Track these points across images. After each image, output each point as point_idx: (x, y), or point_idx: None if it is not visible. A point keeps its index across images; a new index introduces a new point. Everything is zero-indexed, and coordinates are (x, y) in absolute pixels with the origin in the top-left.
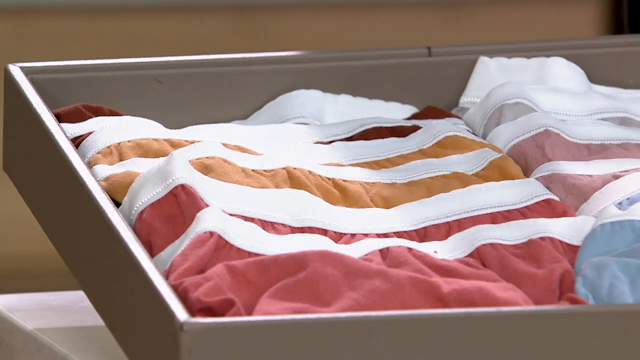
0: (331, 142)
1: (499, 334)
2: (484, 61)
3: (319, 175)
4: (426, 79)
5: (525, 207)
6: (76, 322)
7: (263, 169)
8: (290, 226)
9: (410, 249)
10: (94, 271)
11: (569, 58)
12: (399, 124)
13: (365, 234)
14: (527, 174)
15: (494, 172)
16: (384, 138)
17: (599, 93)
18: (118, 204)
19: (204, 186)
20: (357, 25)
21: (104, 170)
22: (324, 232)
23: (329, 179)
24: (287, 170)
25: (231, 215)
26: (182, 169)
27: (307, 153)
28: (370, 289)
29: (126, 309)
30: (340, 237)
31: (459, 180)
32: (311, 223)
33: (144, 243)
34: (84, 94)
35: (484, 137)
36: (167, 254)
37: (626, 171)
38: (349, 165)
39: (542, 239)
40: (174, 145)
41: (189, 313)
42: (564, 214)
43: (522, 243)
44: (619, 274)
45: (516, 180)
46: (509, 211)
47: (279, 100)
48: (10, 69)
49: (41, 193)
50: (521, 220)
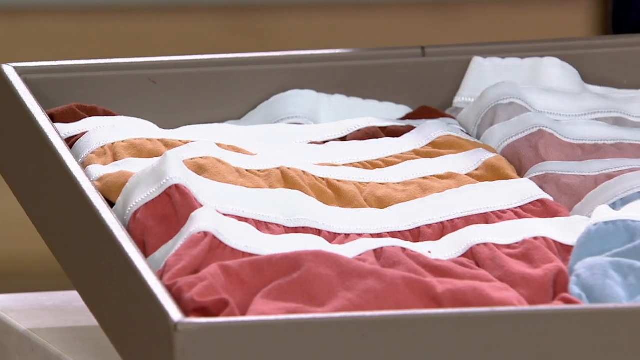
0: (325, 142)
1: (493, 334)
2: (477, 61)
3: (312, 175)
4: (420, 79)
5: (519, 207)
6: (70, 322)
7: (257, 169)
8: (284, 226)
9: (404, 249)
10: (87, 271)
11: (562, 58)
12: (393, 124)
13: (359, 234)
14: (521, 174)
15: (488, 172)
16: (377, 138)
17: (592, 93)
18: (112, 204)
19: (197, 186)
20: (350, 25)
21: (97, 170)
22: (318, 232)
23: (323, 179)
24: (281, 170)
25: (225, 215)
26: (176, 169)
27: (301, 153)
28: (364, 289)
29: (120, 309)
30: (334, 237)
31: (453, 180)
32: (305, 223)
33: (138, 243)
34: (77, 94)
35: (478, 137)
36: (161, 254)
37: (620, 171)
38: (343, 165)
39: (536, 239)
40: (168, 145)
41: (183, 313)
42: (557, 214)
43: (516, 243)
44: (612, 274)
45: (510, 180)
46: (502, 211)
47: (273, 101)
48: (3, 69)
49: (35, 193)
50: (515, 220)
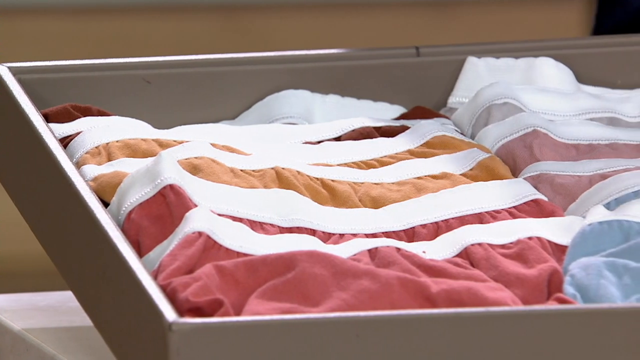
0: (319, 142)
1: (488, 334)
2: (472, 61)
3: (307, 175)
4: (414, 79)
5: (514, 207)
6: (64, 323)
7: (251, 169)
8: (278, 226)
9: (399, 249)
10: (82, 271)
11: (557, 58)
12: (388, 124)
13: (354, 234)
14: (515, 174)
15: (482, 172)
16: (372, 138)
17: (587, 93)
18: (106, 204)
19: (192, 186)
20: (345, 25)
21: (92, 170)
22: (313, 232)
23: (317, 179)
24: (275, 170)
25: (220, 215)
26: (171, 169)
27: (295, 153)
28: (358, 289)
29: (114, 309)
30: (329, 237)
31: (448, 180)
32: (300, 223)
33: (133, 243)
34: (72, 94)
35: (472, 137)
36: (155, 254)
37: (614, 171)
38: (338, 165)
39: (530, 239)
40: (163, 145)
41: (178, 313)
42: (552, 214)
43: (511, 243)
44: (607, 274)
45: (504, 180)
46: (497, 211)
47: (268, 101)
48: None
49: (29, 193)
50: (509, 221)
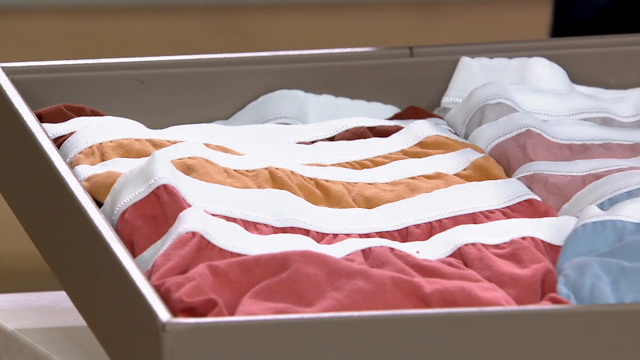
0: (313, 142)
1: (482, 334)
2: (465, 61)
3: (301, 176)
4: (408, 79)
5: (507, 207)
6: (58, 323)
7: (245, 169)
8: (272, 226)
9: (393, 249)
10: (75, 271)
11: (550, 58)
12: (381, 124)
13: (348, 234)
14: (509, 174)
15: (476, 172)
16: (366, 138)
17: (580, 93)
18: (100, 204)
19: (186, 186)
20: (338, 25)
21: (85, 170)
22: (306, 232)
23: (311, 179)
24: (269, 170)
25: (213, 215)
26: (164, 169)
27: (289, 153)
28: (352, 289)
29: (108, 309)
30: (323, 237)
31: (441, 180)
32: (293, 223)
33: (126, 243)
34: (65, 94)
35: (466, 137)
36: (149, 254)
37: (608, 171)
38: (331, 165)
39: (524, 239)
40: (156, 145)
41: (171, 313)
42: (546, 214)
43: (504, 243)
44: (600, 274)
45: (498, 181)
46: (491, 211)
47: (261, 101)
48: None
49: (23, 193)
50: (503, 221)
